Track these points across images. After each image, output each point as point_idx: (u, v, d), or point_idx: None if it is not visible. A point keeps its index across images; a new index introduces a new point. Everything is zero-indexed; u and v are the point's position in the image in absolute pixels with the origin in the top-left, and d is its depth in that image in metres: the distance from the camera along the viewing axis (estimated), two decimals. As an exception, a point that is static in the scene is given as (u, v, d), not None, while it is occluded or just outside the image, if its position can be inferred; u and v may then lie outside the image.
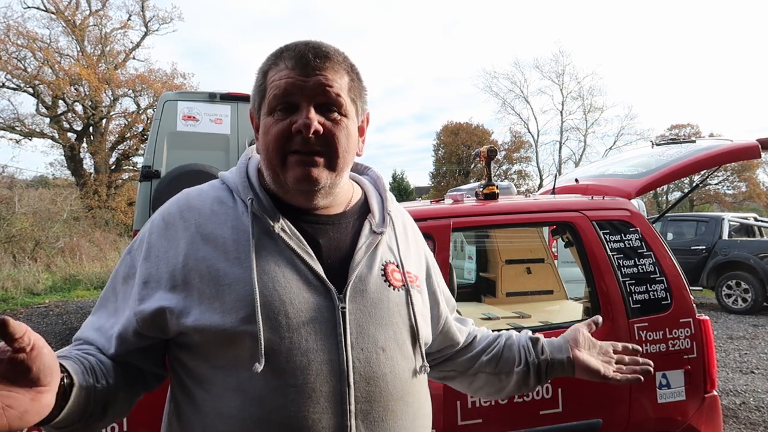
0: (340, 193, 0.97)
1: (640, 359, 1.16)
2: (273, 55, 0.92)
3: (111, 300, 0.93)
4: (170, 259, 0.88)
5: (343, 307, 0.88)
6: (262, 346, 0.82)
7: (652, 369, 1.14)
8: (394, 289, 0.95)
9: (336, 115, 0.89)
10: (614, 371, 1.13)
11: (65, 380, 0.73)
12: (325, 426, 0.83)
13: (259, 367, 0.81)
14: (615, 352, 1.17)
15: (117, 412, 0.87)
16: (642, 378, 1.12)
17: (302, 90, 0.87)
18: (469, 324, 1.23)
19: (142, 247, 0.92)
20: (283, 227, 0.90)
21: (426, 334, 1.01)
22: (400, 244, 1.02)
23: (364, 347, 0.88)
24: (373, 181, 1.10)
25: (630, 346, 1.18)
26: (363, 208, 1.02)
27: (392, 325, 0.93)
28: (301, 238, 0.90)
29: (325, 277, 0.89)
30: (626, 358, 1.16)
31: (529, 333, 1.22)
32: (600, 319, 1.19)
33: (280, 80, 0.87)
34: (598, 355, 1.16)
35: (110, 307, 0.92)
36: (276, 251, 0.89)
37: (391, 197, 1.07)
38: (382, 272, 0.95)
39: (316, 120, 0.86)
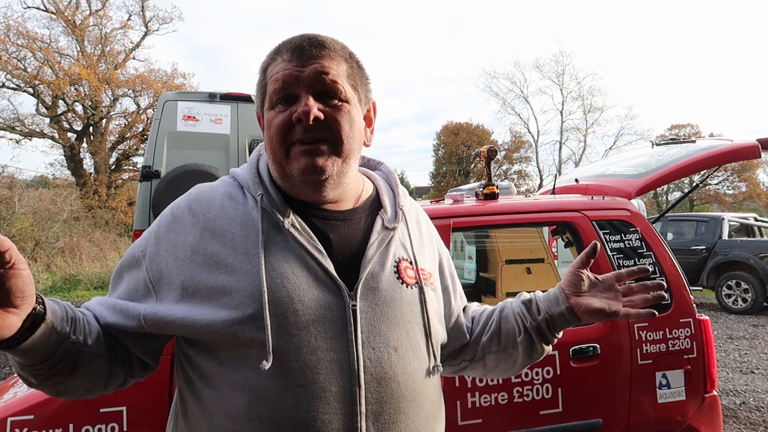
0: (350, 186, 0.95)
1: (649, 283, 1.00)
2: (272, 51, 0.91)
3: (118, 286, 0.93)
4: (178, 254, 0.87)
5: (354, 305, 0.86)
6: (270, 344, 0.80)
7: (665, 293, 0.98)
8: (407, 287, 0.93)
9: (336, 101, 0.88)
10: (623, 306, 0.99)
11: (38, 312, 0.73)
12: (335, 427, 0.81)
13: (267, 365, 0.79)
14: (620, 281, 1.02)
15: (87, 381, 0.85)
16: (656, 312, 0.97)
17: (299, 80, 0.86)
18: (470, 312, 1.16)
19: (150, 241, 0.91)
20: (293, 223, 0.88)
21: (439, 333, 0.99)
22: (414, 239, 0.99)
23: (375, 346, 0.86)
24: (385, 176, 1.08)
25: (635, 267, 1.01)
26: (374, 204, 1.00)
27: (405, 324, 0.90)
28: (311, 234, 0.89)
29: (335, 274, 0.87)
30: (634, 286, 1.01)
31: (523, 295, 1.11)
32: (597, 245, 1.02)
33: (278, 73, 0.87)
34: (602, 293, 1.02)
35: (116, 292, 0.92)
36: (285, 247, 0.87)
37: (403, 192, 1.05)
38: (395, 269, 0.93)
39: (315, 107, 0.85)
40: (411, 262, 0.96)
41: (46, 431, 1.72)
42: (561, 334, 1.07)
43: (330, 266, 0.87)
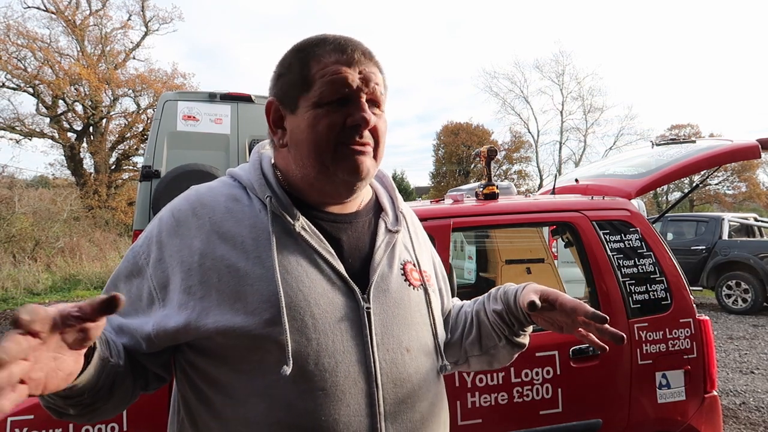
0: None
1: (604, 328, 0.90)
2: (310, 46, 0.89)
3: None
4: (184, 258, 0.84)
5: (368, 308, 0.87)
6: (290, 349, 0.79)
7: (622, 340, 0.90)
8: (413, 289, 0.95)
9: (377, 109, 0.90)
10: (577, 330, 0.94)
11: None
12: (356, 429, 0.82)
13: (288, 371, 0.78)
14: (577, 315, 0.92)
15: (120, 399, 0.83)
16: (606, 347, 0.92)
17: (357, 85, 0.86)
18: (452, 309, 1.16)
19: (151, 247, 0.87)
20: (303, 226, 0.88)
21: (443, 333, 1.01)
22: (414, 242, 1.02)
23: (389, 348, 0.87)
24: (380, 179, 1.09)
25: (592, 315, 0.90)
26: (375, 207, 1.01)
27: (414, 325, 0.92)
28: (322, 237, 0.89)
29: (348, 277, 0.88)
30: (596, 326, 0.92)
31: (496, 304, 1.05)
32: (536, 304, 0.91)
33: (334, 74, 0.85)
34: (560, 317, 0.96)
35: None
36: (297, 250, 0.86)
37: (400, 196, 1.07)
38: (402, 271, 0.95)
39: (372, 115, 0.87)
40: (415, 265, 0.98)
41: (46, 431, 1.72)
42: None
43: (342, 269, 0.88)
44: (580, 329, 0.94)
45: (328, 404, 0.81)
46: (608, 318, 0.90)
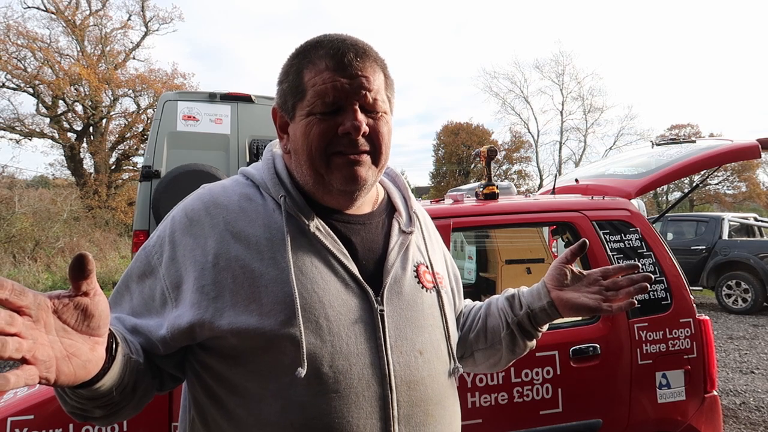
0: (371, 191, 0.96)
1: (635, 276, 0.99)
2: (305, 52, 0.88)
3: (126, 298, 0.88)
4: (198, 257, 0.83)
5: (382, 310, 0.86)
6: (305, 351, 0.79)
7: (649, 285, 0.97)
8: (426, 291, 0.94)
9: (378, 113, 0.88)
10: (605, 300, 0.98)
11: (110, 339, 0.70)
12: None
13: (302, 372, 0.78)
14: (607, 277, 1.01)
15: (140, 398, 0.82)
16: (635, 302, 0.98)
17: (347, 93, 0.84)
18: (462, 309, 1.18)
19: (164, 246, 0.86)
20: (317, 226, 0.87)
21: (456, 335, 1.01)
22: (428, 243, 1.01)
23: (403, 350, 0.87)
24: (392, 178, 1.08)
25: (624, 264, 1.01)
26: (389, 207, 1.00)
27: (427, 328, 0.91)
28: (336, 238, 0.88)
29: (362, 279, 0.87)
30: (621, 279, 1.00)
31: (508, 291, 1.12)
32: (586, 243, 1.03)
33: (324, 84, 0.84)
34: (586, 288, 1.01)
35: (125, 305, 0.87)
36: (312, 251, 0.86)
37: (413, 196, 1.06)
38: (415, 273, 0.94)
39: (364, 122, 0.84)
40: (427, 266, 0.97)
41: (46, 431, 1.72)
42: (545, 328, 1.08)
43: (356, 271, 0.87)
44: (604, 302, 0.98)
45: (341, 406, 0.80)
46: (639, 265, 1.00)
